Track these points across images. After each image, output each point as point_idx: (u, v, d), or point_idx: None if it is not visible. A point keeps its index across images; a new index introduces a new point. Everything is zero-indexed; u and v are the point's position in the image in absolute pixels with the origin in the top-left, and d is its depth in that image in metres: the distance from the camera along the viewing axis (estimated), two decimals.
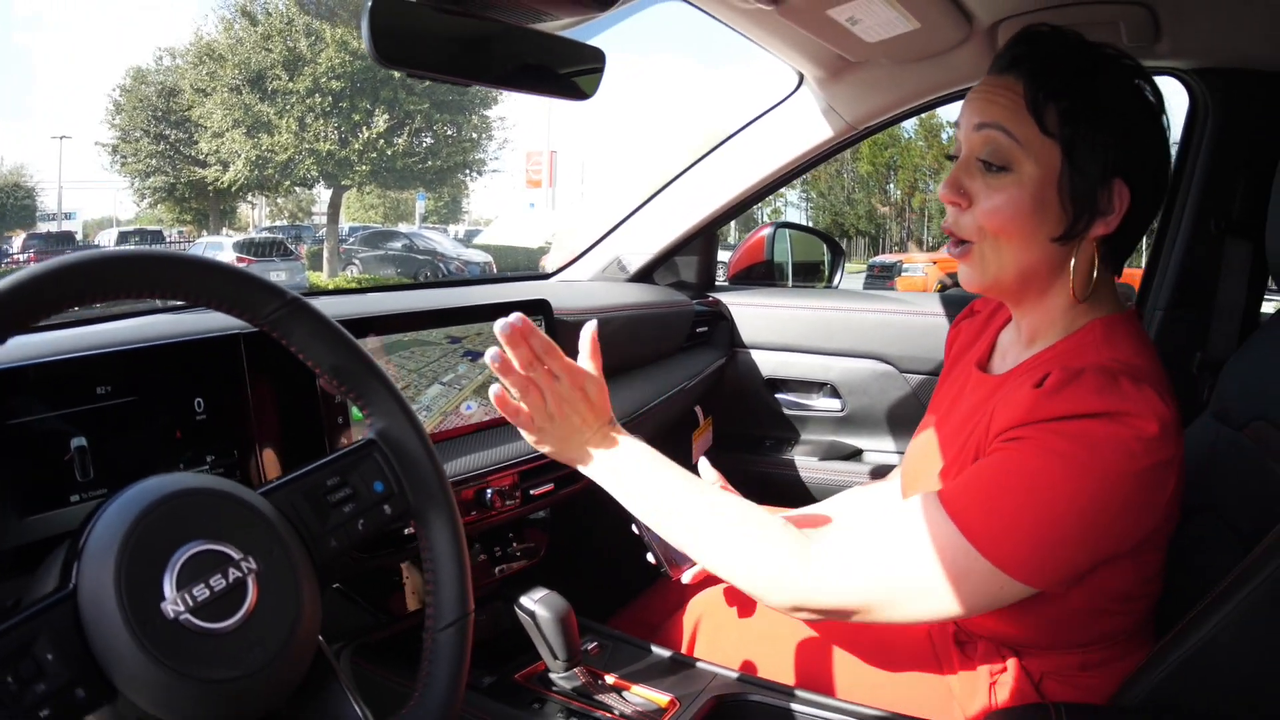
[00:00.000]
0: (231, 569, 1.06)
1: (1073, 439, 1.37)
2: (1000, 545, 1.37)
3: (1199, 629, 1.51)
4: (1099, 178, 1.52)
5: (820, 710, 1.75)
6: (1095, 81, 1.54)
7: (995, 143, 1.55)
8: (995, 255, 1.59)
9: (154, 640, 0.98)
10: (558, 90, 1.91)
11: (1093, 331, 1.60)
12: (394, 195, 44.91)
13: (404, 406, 1.35)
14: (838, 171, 59.42)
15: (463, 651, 1.30)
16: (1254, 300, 2.77)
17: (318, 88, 30.98)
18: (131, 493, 1.08)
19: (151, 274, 1.12)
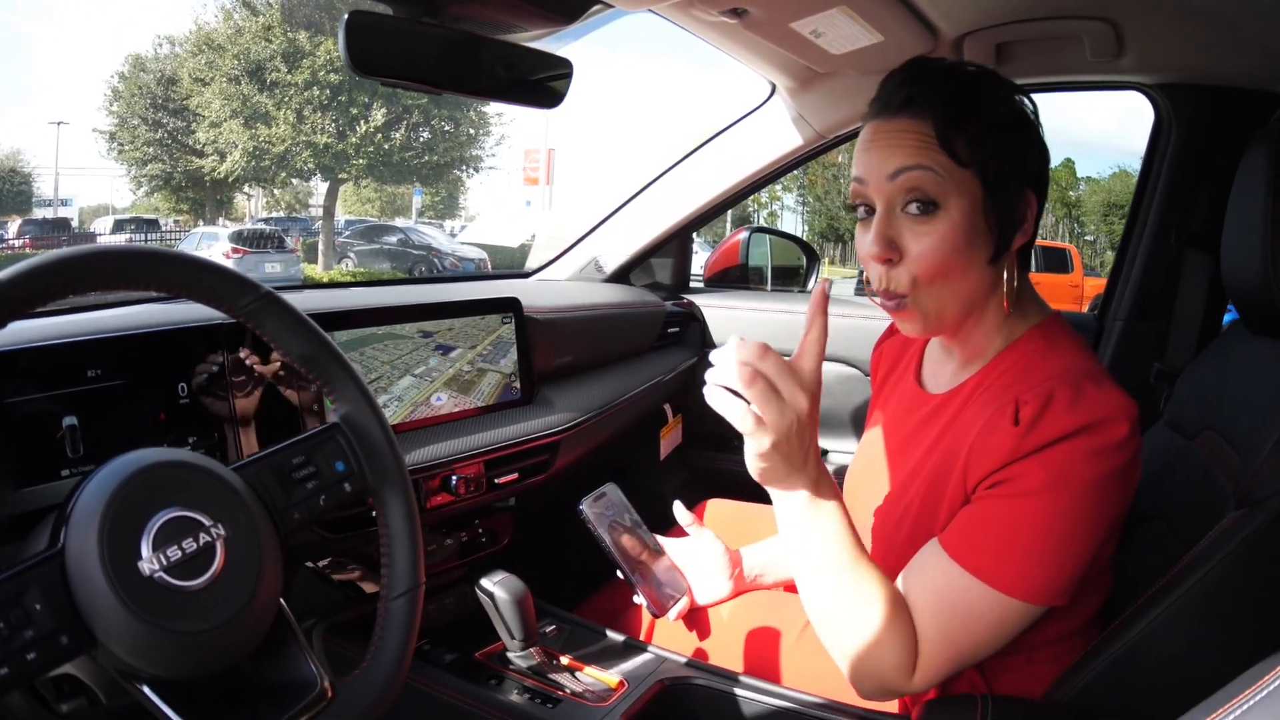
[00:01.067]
0: (202, 534, 1.15)
1: (1061, 467, 1.44)
2: (1029, 584, 1.45)
3: (1130, 629, 1.59)
4: (1015, 193, 1.57)
5: (761, 696, 1.84)
6: (987, 104, 1.57)
7: (921, 183, 1.53)
8: (934, 300, 1.59)
9: (131, 594, 1.07)
10: (527, 99, 1.98)
11: (1033, 340, 1.65)
12: (390, 190, 44.57)
13: (366, 394, 1.43)
14: (835, 176, 59.14)
15: (412, 619, 1.40)
16: (1213, 312, 2.84)
17: (316, 80, 30.73)
18: (115, 464, 1.16)
19: (137, 268, 1.21)
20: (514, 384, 2.34)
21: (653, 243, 3.41)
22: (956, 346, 1.74)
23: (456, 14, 1.79)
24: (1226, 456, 1.78)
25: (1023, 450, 1.46)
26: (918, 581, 1.54)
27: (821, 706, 1.80)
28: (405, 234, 31.98)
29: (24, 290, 1.09)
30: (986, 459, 1.50)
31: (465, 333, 2.22)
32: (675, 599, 2.04)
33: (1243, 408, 1.82)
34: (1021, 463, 1.46)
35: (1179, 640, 1.54)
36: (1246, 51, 2.47)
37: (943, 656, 1.50)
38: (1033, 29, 2.42)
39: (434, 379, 2.15)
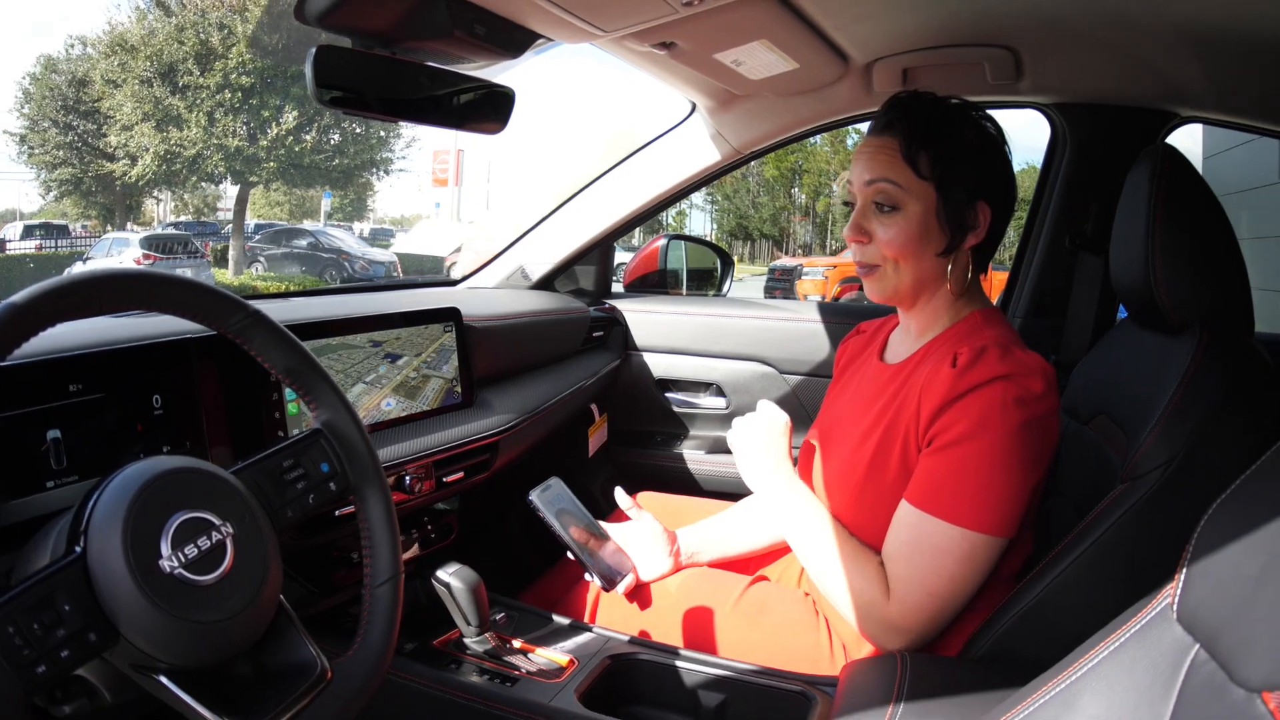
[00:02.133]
0: (214, 532, 1.25)
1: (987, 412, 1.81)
2: (979, 516, 1.81)
3: (1034, 588, 1.81)
4: (966, 203, 1.97)
5: (701, 666, 1.98)
6: (952, 130, 1.98)
7: (884, 191, 1.97)
8: (895, 274, 2.02)
9: (155, 590, 1.16)
10: (474, 125, 2.12)
11: (974, 320, 2.04)
12: (300, 193, 43.64)
13: (344, 401, 1.55)
14: (743, 175, 58.85)
15: (396, 603, 1.51)
16: (1105, 309, 3.01)
17: (228, 83, 29.95)
18: (128, 473, 1.25)
19: (143, 290, 1.32)
20: (455, 388, 2.44)
21: (577, 251, 3.51)
22: (914, 321, 2.14)
23: (411, 46, 1.92)
24: (1116, 437, 1.98)
25: (958, 390, 1.84)
26: (893, 536, 1.92)
27: (755, 673, 1.96)
28: (315, 237, 31.29)
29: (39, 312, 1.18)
30: (931, 399, 1.89)
31: (411, 341, 2.32)
32: (623, 576, 2.19)
33: (1130, 394, 2.00)
34: (958, 405, 1.84)
35: (1076, 597, 1.76)
36: (1135, 74, 2.65)
37: (920, 592, 1.85)
38: (936, 55, 2.59)
39: (383, 385, 2.24)
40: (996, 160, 2.02)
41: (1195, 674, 0.96)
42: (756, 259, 58.91)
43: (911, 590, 1.85)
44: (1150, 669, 1.02)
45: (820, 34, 2.37)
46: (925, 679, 1.72)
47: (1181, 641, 1.00)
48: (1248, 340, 1.85)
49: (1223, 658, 0.93)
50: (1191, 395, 1.75)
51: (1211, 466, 1.69)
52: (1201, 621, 0.98)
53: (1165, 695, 0.98)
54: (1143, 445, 1.78)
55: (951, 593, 1.83)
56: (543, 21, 1.96)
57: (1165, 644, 1.02)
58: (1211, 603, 0.98)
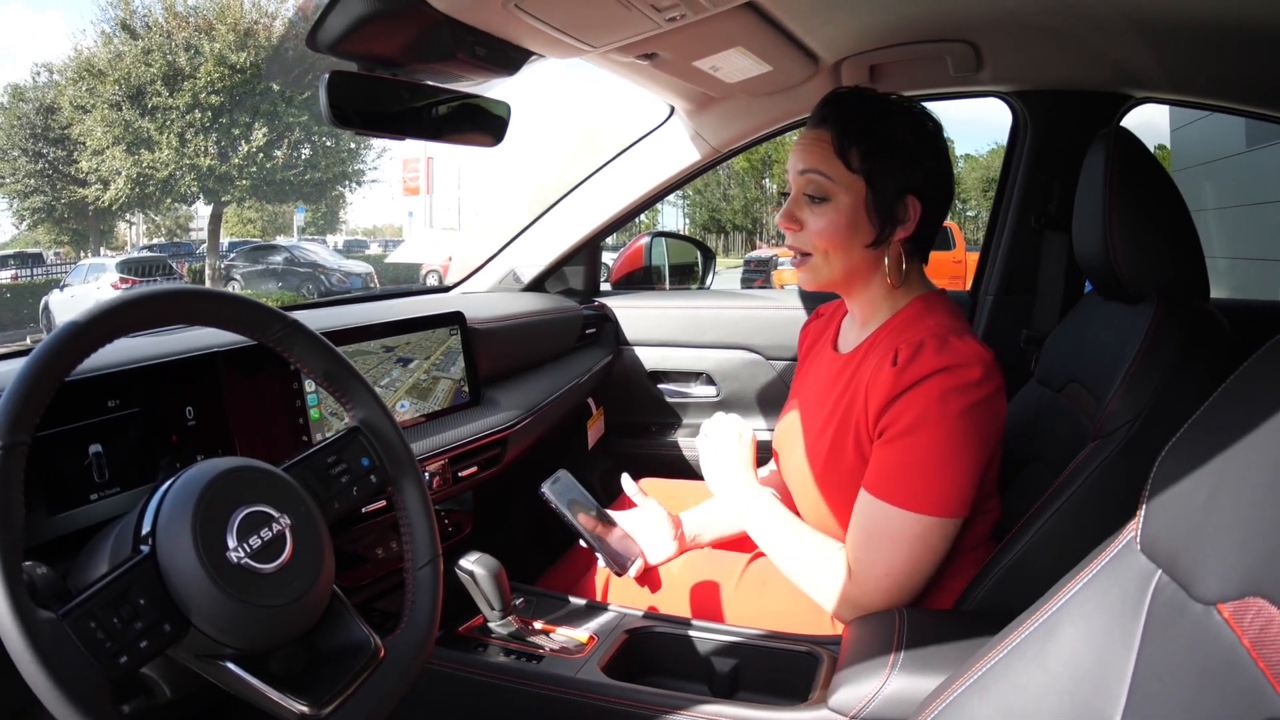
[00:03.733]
0: (274, 524, 1.35)
1: (930, 404, 1.88)
2: (929, 500, 1.90)
3: (1016, 544, 1.93)
4: (894, 197, 2.03)
5: (712, 635, 2.08)
6: (884, 127, 2.03)
7: (815, 183, 2.04)
8: (825, 263, 2.09)
9: (225, 579, 1.26)
10: (474, 139, 2.25)
11: (914, 307, 2.11)
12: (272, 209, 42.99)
13: (379, 400, 1.65)
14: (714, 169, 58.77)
15: (437, 583, 1.61)
16: (1072, 284, 3.13)
17: (197, 103, 29.70)
18: (189, 475, 1.34)
19: (194, 305, 1.42)
20: (463, 388, 2.55)
21: (566, 253, 3.61)
22: (857, 311, 2.22)
23: (415, 69, 2.04)
24: (1087, 402, 2.09)
25: (900, 386, 1.92)
26: (853, 522, 2.00)
27: (763, 637, 2.06)
28: (290, 252, 30.73)
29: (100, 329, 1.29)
30: (876, 396, 1.96)
31: (420, 345, 2.41)
32: (632, 560, 2.26)
33: (1098, 361, 2.10)
34: (901, 400, 1.92)
35: (1055, 549, 1.88)
36: (1089, 61, 2.78)
37: (879, 572, 1.93)
38: (901, 52, 2.71)
39: (397, 388, 2.35)
40: (929, 156, 2.07)
41: (1159, 596, 1.05)
42: (731, 251, 58.55)
43: (872, 570, 1.94)
44: (1120, 596, 1.11)
45: (791, 37, 2.48)
46: (922, 630, 1.81)
47: (1145, 569, 1.09)
48: (1203, 305, 1.97)
49: (1181, 578, 1.02)
50: (1151, 357, 1.87)
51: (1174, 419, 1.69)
52: (1161, 548, 1.08)
53: (1134, 618, 1.07)
54: (1109, 405, 1.90)
55: (908, 571, 1.92)
56: (538, 41, 2.07)
57: (1131, 573, 1.11)
58: (1168, 531, 1.08)
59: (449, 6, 1.83)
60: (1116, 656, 1.08)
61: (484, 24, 1.94)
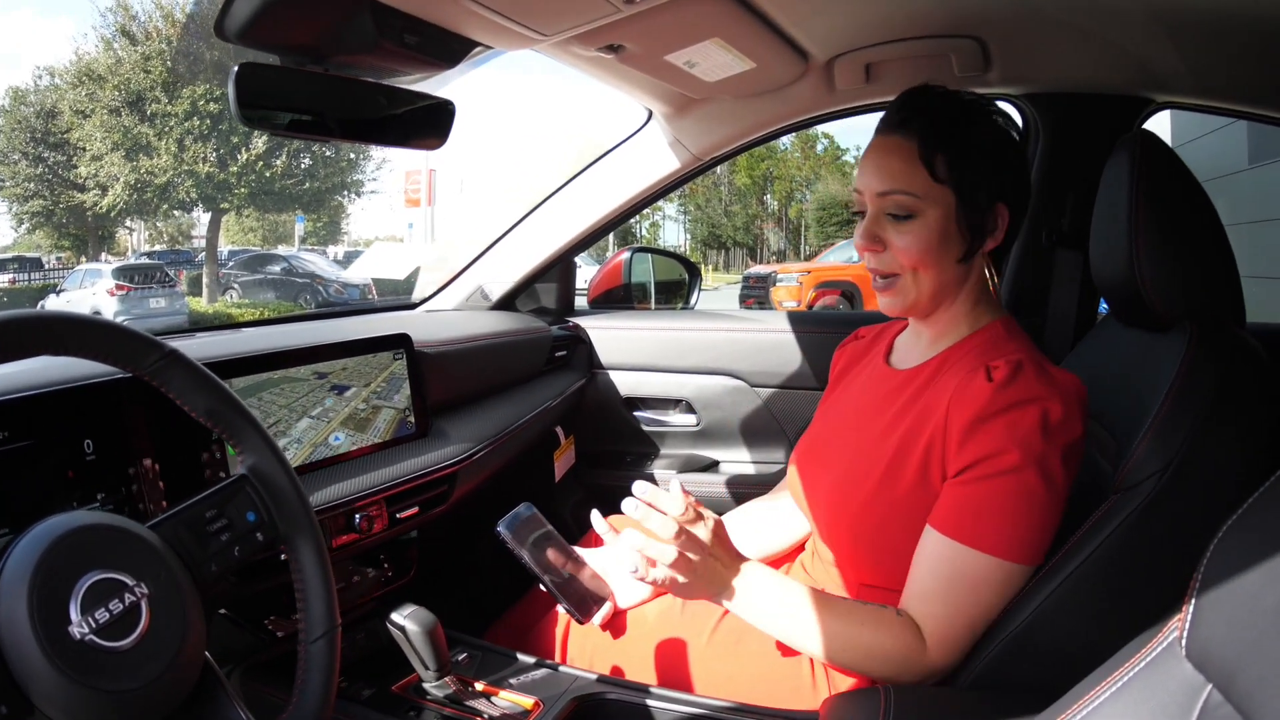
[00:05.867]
0: (127, 593, 1.17)
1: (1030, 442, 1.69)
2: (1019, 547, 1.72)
3: (1024, 609, 1.71)
4: (985, 206, 1.86)
5: (673, 705, 1.90)
6: (970, 130, 1.86)
7: (899, 202, 1.86)
8: (914, 284, 1.90)
9: (65, 660, 1.09)
10: (412, 141, 2.03)
11: (995, 330, 1.94)
12: (273, 218, 43.76)
13: (271, 444, 1.46)
14: (715, 184, 59.34)
15: (333, 660, 1.43)
16: (1086, 306, 2.94)
17: (196, 110, 30.08)
18: (35, 532, 1.17)
19: (45, 335, 1.23)
20: (409, 419, 2.35)
21: (536, 269, 3.44)
22: (927, 328, 2.03)
23: (342, 61, 1.83)
24: (1105, 442, 1.90)
25: (996, 406, 1.72)
26: (924, 570, 1.79)
27: (731, 710, 1.87)
28: (289, 262, 31.19)
29: None
30: (964, 411, 1.76)
31: (359, 371, 2.23)
32: (599, 605, 2.12)
33: (1118, 396, 1.92)
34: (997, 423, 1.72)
35: (1069, 618, 1.66)
36: (1109, 60, 2.58)
37: (959, 626, 1.75)
38: (900, 49, 2.53)
39: (330, 419, 2.14)
40: (1014, 159, 1.92)
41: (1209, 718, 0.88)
42: (731, 267, 59.44)
43: (953, 627, 1.75)
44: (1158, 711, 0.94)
45: (777, 30, 2.30)
46: (911, 710, 1.64)
47: (1192, 681, 0.92)
48: (1240, 333, 1.77)
49: (1240, 700, 0.85)
50: (1184, 397, 1.67)
51: (1209, 474, 1.60)
52: (1215, 659, 0.90)
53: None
54: (1135, 453, 1.69)
55: (985, 622, 1.76)
56: (476, 27, 1.88)
57: (1174, 683, 0.94)
58: (1225, 639, 0.90)
59: None
60: None
61: (412, 7, 1.74)
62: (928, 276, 1.89)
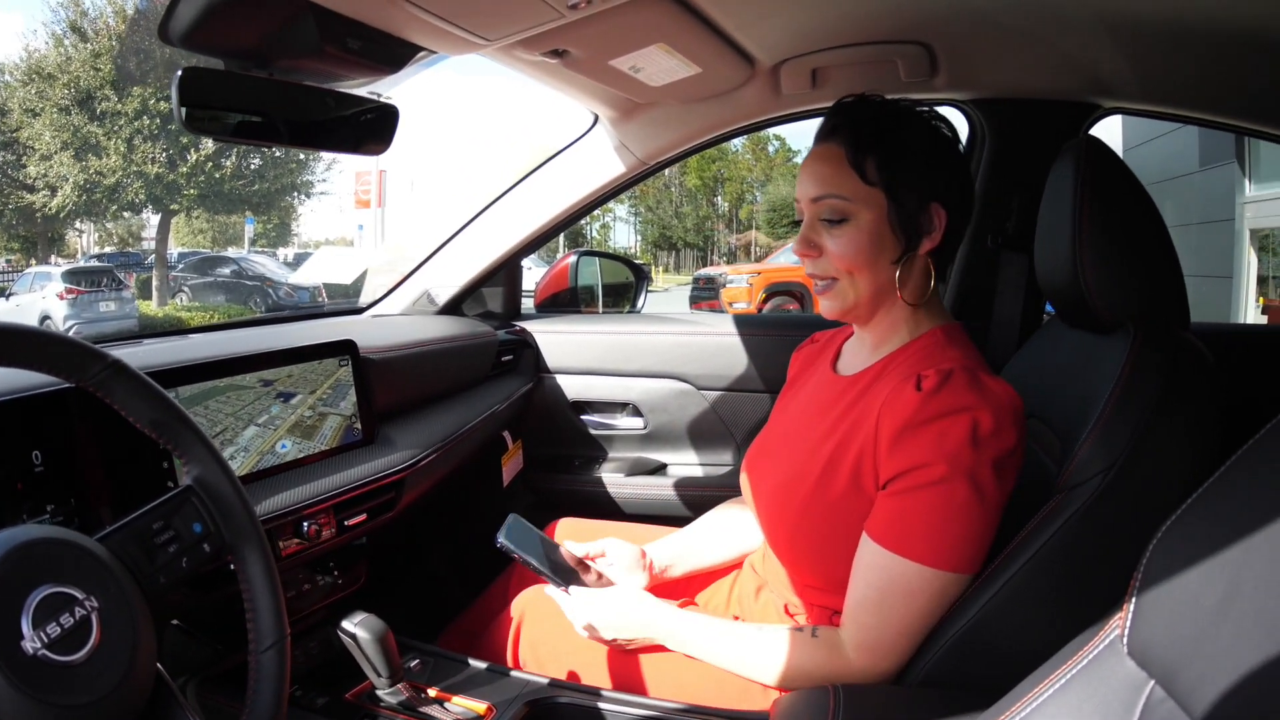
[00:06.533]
0: (77, 607, 1.16)
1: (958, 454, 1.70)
2: (952, 556, 1.73)
3: (971, 606, 1.73)
4: (918, 206, 1.89)
5: (625, 707, 1.91)
6: (900, 133, 1.90)
7: (831, 206, 1.90)
8: (852, 287, 1.93)
9: (19, 675, 1.07)
10: (355, 145, 2.04)
11: (935, 336, 1.95)
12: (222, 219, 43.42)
13: (215, 455, 1.45)
14: (665, 185, 59.43)
15: (283, 669, 1.42)
16: (1031, 308, 2.97)
17: (146, 109, 29.56)
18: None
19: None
20: (355, 425, 2.35)
21: (483, 273, 3.45)
22: (870, 334, 2.05)
23: (286, 65, 1.83)
24: (1050, 442, 1.93)
25: (923, 416, 1.73)
26: (861, 580, 1.82)
27: (682, 711, 1.89)
28: (239, 265, 31.10)
29: None
30: (893, 419, 1.77)
31: (304, 378, 2.22)
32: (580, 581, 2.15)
33: (1063, 396, 1.95)
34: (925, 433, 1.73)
35: (1015, 615, 1.69)
36: (1055, 66, 2.62)
37: (890, 634, 1.79)
38: (847, 54, 2.54)
39: (277, 426, 2.14)
40: (948, 159, 1.94)
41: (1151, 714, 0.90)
42: (682, 269, 59.51)
43: (884, 635, 1.79)
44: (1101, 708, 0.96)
45: (722, 35, 2.31)
46: (859, 709, 1.66)
47: (1134, 677, 0.94)
48: (1184, 334, 1.80)
49: (1181, 696, 0.87)
50: (1128, 397, 1.70)
51: (1153, 472, 1.63)
52: (1156, 656, 0.93)
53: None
54: (1078, 453, 1.72)
55: (922, 629, 1.78)
56: (419, 32, 1.89)
57: (1116, 680, 0.96)
58: (1166, 636, 0.92)
59: None
60: None
61: (355, 12, 1.75)
62: (863, 279, 1.92)
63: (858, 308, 1.97)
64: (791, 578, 2.04)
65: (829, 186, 1.90)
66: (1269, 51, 2.26)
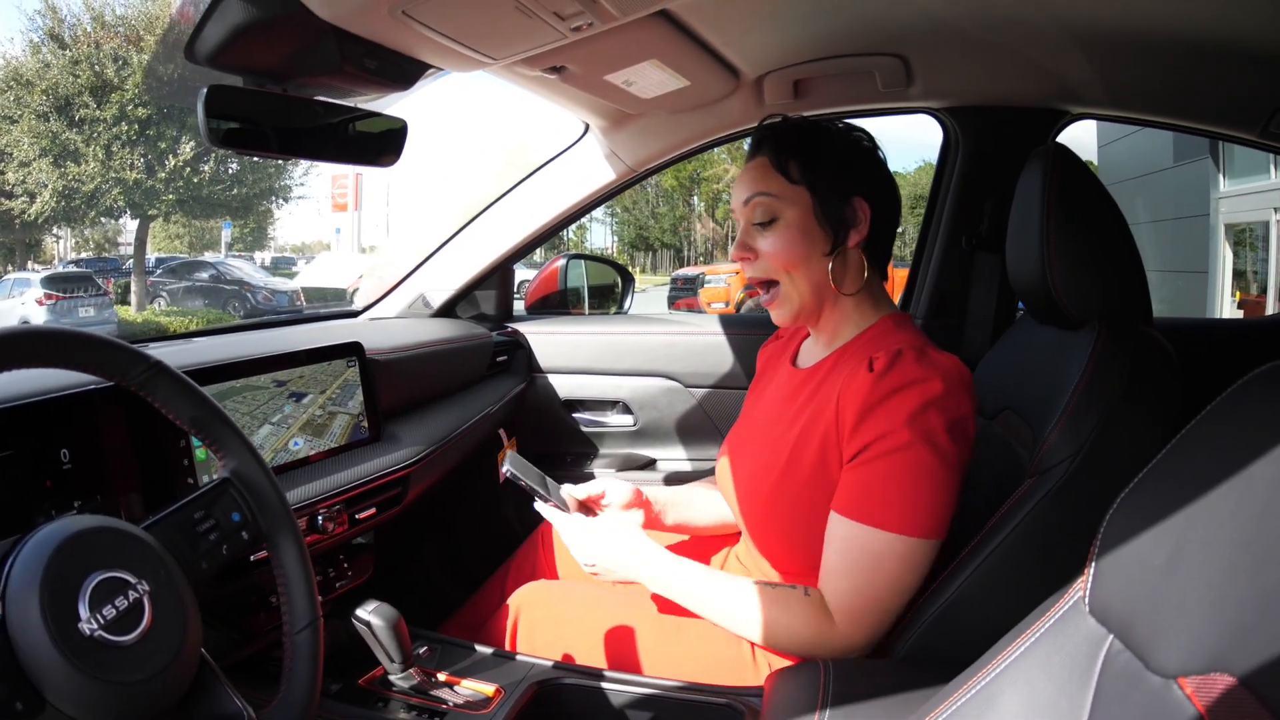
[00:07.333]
0: (130, 591, 1.22)
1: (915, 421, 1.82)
2: (915, 522, 1.83)
3: (949, 587, 1.85)
4: (841, 200, 2.03)
5: (626, 687, 1.99)
6: (817, 138, 2.07)
7: (762, 205, 2.05)
8: (793, 286, 2.07)
9: (77, 654, 1.13)
10: (368, 159, 2.13)
11: (885, 324, 2.09)
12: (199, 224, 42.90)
13: (251, 448, 1.53)
14: (641, 186, 59.22)
15: (317, 649, 1.50)
16: (1004, 306, 3.08)
17: (124, 115, 29.13)
18: (39, 537, 1.22)
19: (34, 348, 1.28)
20: (362, 424, 2.42)
21: (476, 277, 3.52)
22: (821, 333, 2.19)
23: (303, 83, 1.91)
24: (1022, 432, 2.02)
25: (878, 394, 1.85)
26: (830, 551, 1.92)
27: (680, 689, 1.97)
28: (217, 269, 30.67)
29: None
30: (851, 402, 1.89)
31: (315, 379, 2.29)
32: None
33: (1033, 389, 2.05)
34: (880, 411, 1.85)
35: (990, 592, 1.80)
36: (1024, 75, 2.72)
37: (863, 601, 1.87)
38: (827, 66, 2.64)
39: (290, 425, 2.21)
40: (868, 163, 2.09)
41: (1111, 664, 0.99)
42: (659, 269, 59.17)
43: (857, 602, 1.86)
44: (1067, 662, 1.05)
45: (709, 50, 2.40)
46: (849, 683, 1.74)
47: (1095, 633, 1.03)
48: (1146, 329, 1.89)
49: (1137, 647, 0.96)
50: (1093, 388, 1.80)
51: (1117, 457, 1.74)
52: (1113, 612, 1.01)
53: (1083, 687, 1.00)
54: (1048, 439, 1.82)
55: (892, 595, 1.86)
56: (432, 52, 1.97)
57: (1080, 636, 1.05)
58: (1122, 594, 1.01)
59: (334, 15, 1.72)
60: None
61: (373, 34, 1.83)
62: (799, 275, 2.06)
63: (804, 309, 2.10)
64: (770, 565, 2.14)
65: (758, 186, 2.06)
66: (1229, 59, 2.35)
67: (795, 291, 2.08)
